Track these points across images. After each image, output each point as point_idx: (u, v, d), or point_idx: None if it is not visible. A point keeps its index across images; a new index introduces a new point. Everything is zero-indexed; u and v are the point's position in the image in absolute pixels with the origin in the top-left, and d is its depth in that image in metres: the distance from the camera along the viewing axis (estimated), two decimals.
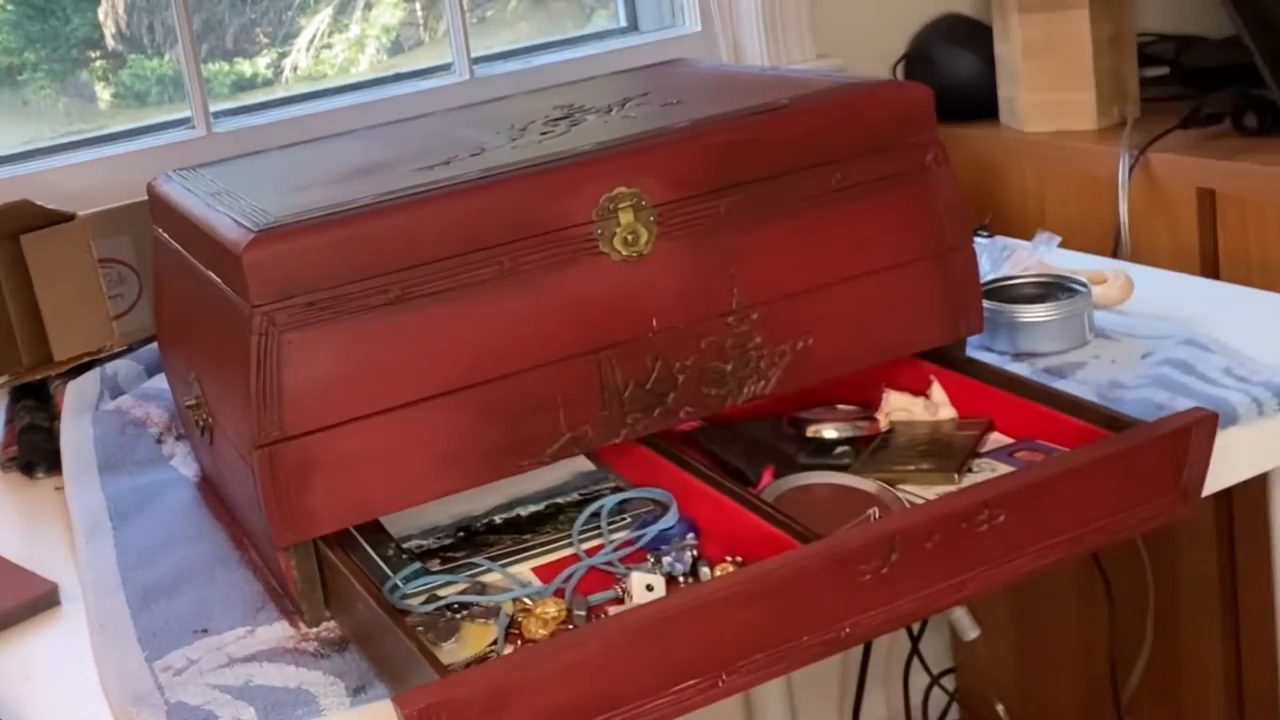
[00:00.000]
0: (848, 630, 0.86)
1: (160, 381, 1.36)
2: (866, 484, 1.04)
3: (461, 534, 1.05)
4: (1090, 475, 0.92)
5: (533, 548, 1.03)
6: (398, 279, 0.95)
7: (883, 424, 1.14)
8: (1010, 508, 0.89)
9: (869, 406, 1.16)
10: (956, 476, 1.04)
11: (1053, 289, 1.31)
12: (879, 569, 0.86)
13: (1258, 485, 1.23)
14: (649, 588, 0.94)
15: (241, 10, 2.00)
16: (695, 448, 1.12)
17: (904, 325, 1.12)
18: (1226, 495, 1.65)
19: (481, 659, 0.89)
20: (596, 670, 0.80)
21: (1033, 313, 1.27)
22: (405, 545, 1.03)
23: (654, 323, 1.02)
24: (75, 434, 1.33)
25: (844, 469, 1.07)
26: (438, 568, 1.01)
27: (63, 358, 1.46)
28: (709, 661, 0.84)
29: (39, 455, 1.35)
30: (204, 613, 1.00)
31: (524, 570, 1.01)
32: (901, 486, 1.05)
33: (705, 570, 0.96)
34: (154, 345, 1.40)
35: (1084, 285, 1.29)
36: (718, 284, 1.04)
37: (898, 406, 1.15)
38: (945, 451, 1.08)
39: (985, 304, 1.27)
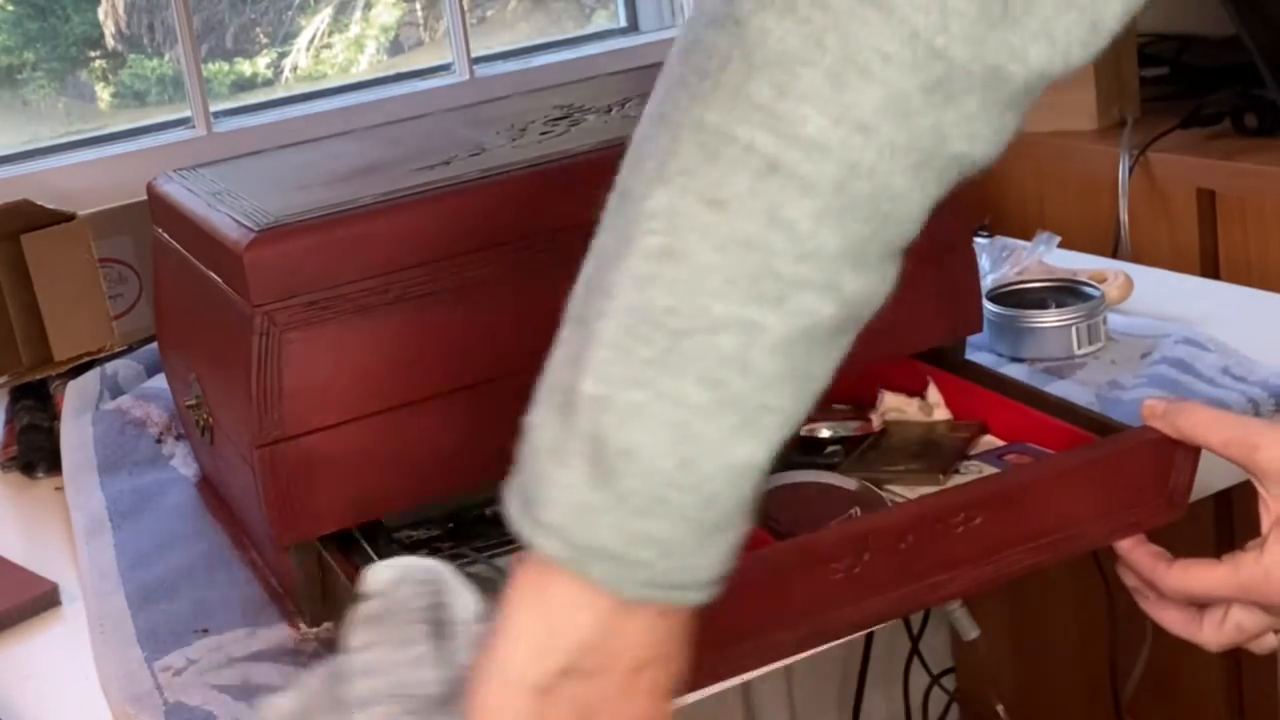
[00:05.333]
0: (820, 627, 0.86)
1: (160, 381, 1.36)
2: (849, 483, 1.04)
3: (452, 525, 1.05)
4: (1071, 479, 0.92)
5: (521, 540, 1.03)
6: (398, 279, 0.95)
7: (876, 424, 1.14)
8: (988, 510, 0.89)
9: (865, 406, 1.16)
10: (942, 478, 1.04)
11: (1061, 293, 1.31)
12: (851, 568, 0.85)
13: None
14: None
15: (241, 10, 2.00)
16: None
17: (902, 325, 1.11)
18: (1226, 495, 1.65)
19: None
20: None
21: (1043, 318, 1.26)
22: (395, 536, 1.03)
23: None
24: (75, 434, 1.33)
25: (834, 468, 1.07)
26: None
27: (63, 358, 1.46)
28: None
29: (39, 455, 1.35)
30: (204, 613, 1.00)
31: (511, 562, 1.01)
32: (889, 487, 1.05)
33: None
34: (154, 345, 1.40)
35: (1096, 289, 1.29)
36: None
37: (892, 407, 1.15)
38: (935, 453, 1.08)
39: (996, 309, 1.27)
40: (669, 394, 0.59)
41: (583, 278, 0.64)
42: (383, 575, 0.70)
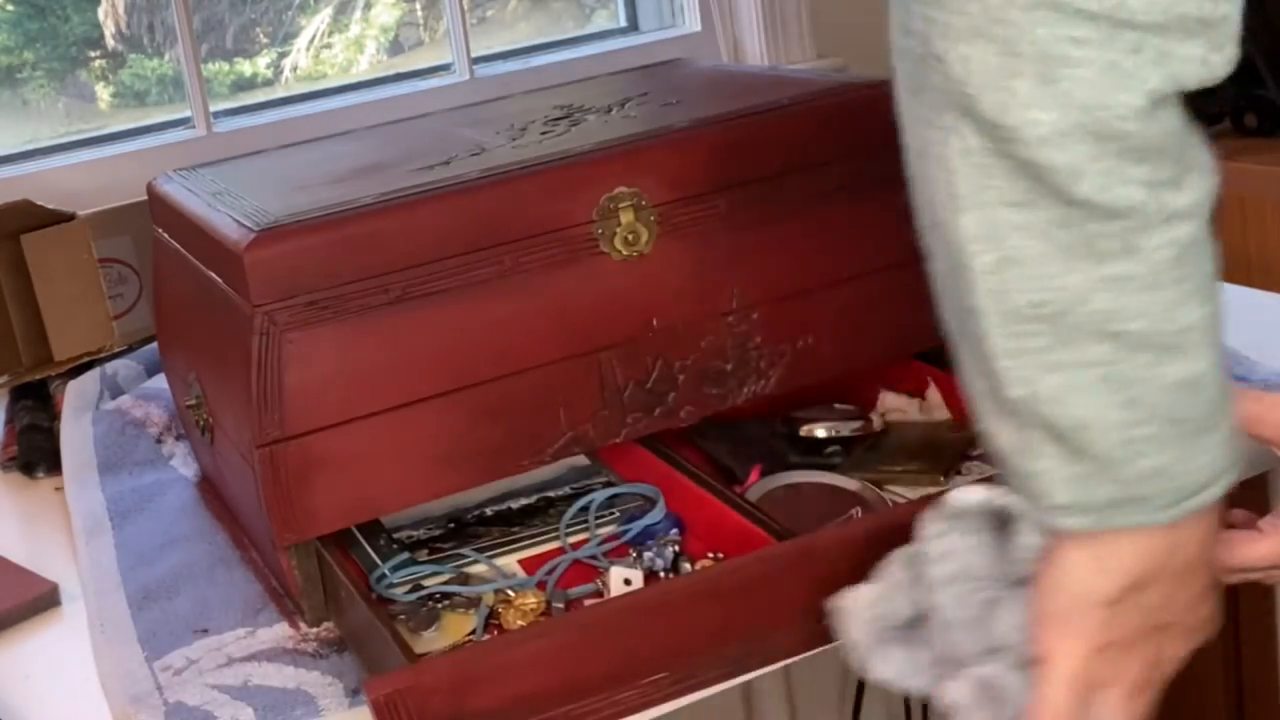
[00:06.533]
0: (821, 628, 0.86)
1: (160, 381, 1.36)
2: (850, 483, 1.04)
3: (452, 525, 1.05)
4: None
5: (520, 540, 1.03)
6: (398, 279, 0.95)
7: (876, 424, 1.14)
8: None
9: (866, 406, 1.16)
10: (943, 479, 1.04)
11: None
12: (853, 568, 0.86)
13: (1257, 485, 1.23)
14: (626, 581, 0.94)
15: (241, 10, 2.00)
16: (689, 445, 1.12)
17: (903, 325, 1.12)
18: (1226, 495, 1.64)
19: (459, 648, 0.90)
20: (563, 660, 0.80)
21: None
22: (396, 536, 1.03)
23: (654, 322, 1.03)
24: (75, 434, 1.33)
25: (834, 468, 1.08)
26: (425, 558, 1.01)
27: (63, 358, 1.46)
28: (678, 656, 0.84)
29: (39, 455, 1.35)
30: (204, 613, 1.00)
31: (510, 562, 1.01)
32: (889, 487, 1.05)
33: (686, 566, 0.97)
34: (154, 345, 1.41)
35: None
36: (718, 283, 1.04)
37: (893, 407, 1.15)
38: (935, 453, 1.08)
39: None
40: (1078, 362, 0.66)
41: (946, 299, 0.72)
42: (965, 501, 0.77)
